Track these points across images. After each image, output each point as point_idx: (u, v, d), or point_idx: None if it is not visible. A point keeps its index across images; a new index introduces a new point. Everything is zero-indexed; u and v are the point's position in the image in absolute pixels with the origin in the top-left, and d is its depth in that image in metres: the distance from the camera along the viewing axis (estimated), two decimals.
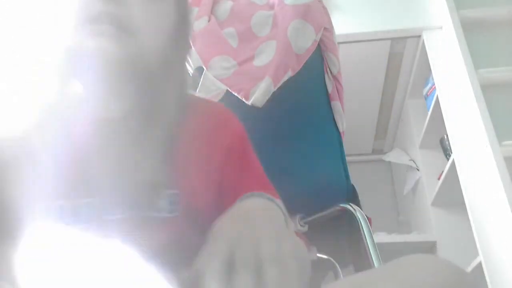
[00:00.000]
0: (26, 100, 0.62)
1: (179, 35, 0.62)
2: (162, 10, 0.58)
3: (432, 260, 0.45)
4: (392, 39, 1.98)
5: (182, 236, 0.56)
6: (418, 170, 2.20)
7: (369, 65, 2.14)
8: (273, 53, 0.99)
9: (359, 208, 0.85)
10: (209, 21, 1.06)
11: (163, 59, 0.59)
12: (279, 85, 0.95)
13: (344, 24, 1.72)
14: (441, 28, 1.87)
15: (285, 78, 0.98)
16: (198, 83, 1.04)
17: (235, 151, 0.64)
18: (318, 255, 0.92)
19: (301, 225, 0.92)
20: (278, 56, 0.98)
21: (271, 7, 1.09)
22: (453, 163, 1.66)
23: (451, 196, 1.83)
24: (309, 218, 0.93)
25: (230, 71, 1.00)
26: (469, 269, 1.56)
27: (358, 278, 0.50)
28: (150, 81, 0.58)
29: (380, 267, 0.44)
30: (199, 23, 1.03)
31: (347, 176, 0.99)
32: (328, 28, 1.08)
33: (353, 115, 1.52)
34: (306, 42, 1.03)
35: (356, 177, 1.05)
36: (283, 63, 0.98)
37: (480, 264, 1.44)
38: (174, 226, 0.55)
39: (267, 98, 0.94)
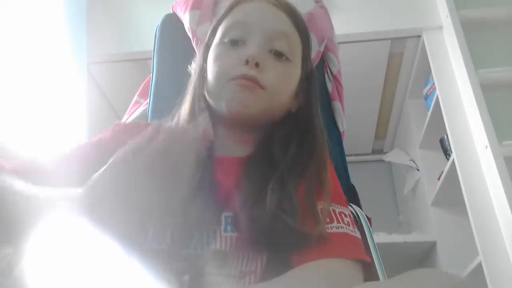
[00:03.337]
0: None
1: (304, 89, 0.75)
2: (288, 71, 0.71)
3: (435, 273, 0.46)
4: (392, 39, 1.98)
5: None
6: (418, 170, 2.20)
7: (369, 65, 2.14)
8: None
9: (359, 208, 0.85)
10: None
11: (286, 111, 0.72)
12: None
13: (344, 24, 1.72)
14: (441, 28, 1.87)
15: None
16: None
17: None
18: None
19: None
20: None
21: None
22: (453, 163, 1.66)
23: (451, 196, 1.83)
24: None
25: None
26: (469, 269, 1.56)
27: None
28: (274, 130, 0.70)
29: (382, 282, 0.46)
30: (201, 29, 1.02)
31: (347, 176, 0.99)
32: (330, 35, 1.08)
33: (353, 115, 1.52)
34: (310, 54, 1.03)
35: (356, 177, 1.05)
36: None
37: (480, 264, 1.44)
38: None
39: None
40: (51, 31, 1.51)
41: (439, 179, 1.90)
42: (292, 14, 0.74)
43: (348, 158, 1.03)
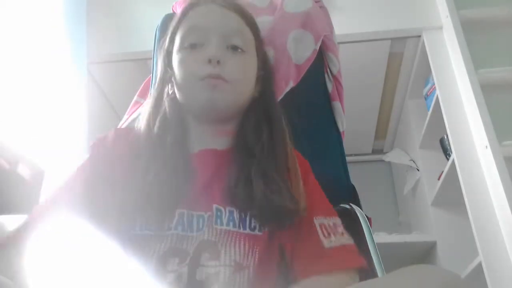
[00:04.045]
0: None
1: (263, 78, 0.83)
2: (245, 61, 0.78)
3: (429, 269, 0.47)
4: (392, 39, 1.98)
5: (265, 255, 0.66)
6: (418, 170, 2.20)
7: (369, 65, 2.14)
8: (270, 62, 0.98)
9: (359, 208, 0.85)
10: None
11: (251, 97, 0.80)
12: (281, 97, 0.96)
13: (344, 24, 1.72)
14: (441, 28, 1.87)
15: (287, 89, 0.98)
16: None
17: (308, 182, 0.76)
18: None
19: None
20: (277, 68, 0.98)
21: (273, 10, 1.09)
22: (453, 163, 1.66)
23: (451, 196, 1.83)
24: None
25: None
26: (469, 269, 1.56)
27: None
28: (243, 119, 0.79)
29: (377, 279, 0.51)
30: None
31: (347, 176, 0.99)
32: (328, 32, 1.08)
33: (353, 115, 1.52)
34: (306, 52, 1.03)
35: (356, 177, 1.05)
36: (284, 75, 0.99)
37: (480, 264, 1.44)
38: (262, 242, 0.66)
39: None
40: (51, 31, 1.51)
41: (439, 179, 1.90)
42: (241, 12, 0.82)
43: (348, 158, 1.03)
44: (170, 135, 0.74)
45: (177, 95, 0.79)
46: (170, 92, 0.80)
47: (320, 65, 1.06)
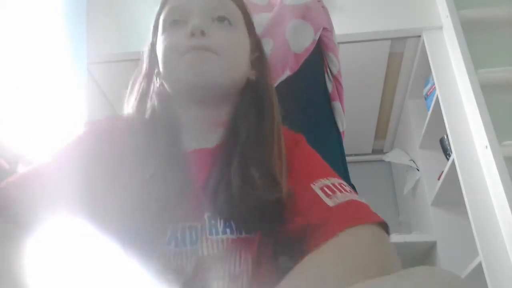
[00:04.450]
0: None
1: (258, 60, 0.76)
2: (235, 34, 0.71)
3: (432, 271, 0.46)
4: (392, 39, 1.98)
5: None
6: (418, 170, 2.20)
7: (369, 65, 2.14)
8: (269, 53, 0.98)
9: None
10: None
11: (245, 79, 0.72)
12: (276, 84, 0.95)
13: (344, 24, 1.72)
14: (441, 28, 1.87)
15: (283, 77, 0.97)
16: None
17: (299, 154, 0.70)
18: None
19: None
20: (274, 55, 0.98)
21: (272, 8, 1.09)
22: (453, 163, 1.66)
23: (451, 196, 1.83)
24: None
25: None
26: (469, 269, 1.56)
27: None
28: (238, 105, 0.70)
29: (377, 281, 0.46)
30: None
31: (347, 176, 0.99)
32: (328, 28, 1.08)
33: (353, 115, 1.52)
34: (305, 42, 1.02)
35: (356, 177, 1.05)
36: (280, 62, 0.98)
37: (480, 264, 1.44)
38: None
39: None
40: (51, 31, 1.51)
41: (439, 179, 1.90)
42: None
43: (348, 158, 1.03)
44: (160, 134, 0.66)
45: (164, 83, 0.71)
46: (158, 85, 0.72)
47: (320, 65, 1.06)
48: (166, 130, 0.67)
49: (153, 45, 0.75)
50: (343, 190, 0.59)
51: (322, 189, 0.59)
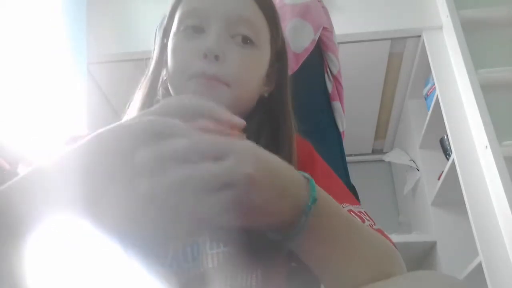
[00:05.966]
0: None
1: (276, 70, 0.69)
2: (255, 58, 0.64)
3: (433, 275, 0.46)
4: (392, 39, 1.98)
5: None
6: (418, 170, 2.20)
7: (369, 65, 2.14)
8: None
9: None
10: None
11: (257, 97, 0.66)
12: None
13: (344, 24, 1.72)
14: (441, 28, 1.87)
15: None
16: None
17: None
18: None
19: None
20: None
21: None
22: (453, 163, 1.66)
23: (451, 196, 1.83)
24: None
25: None
26: (469, 269, 1.56)
27: None
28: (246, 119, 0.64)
29: (377, 284, 0.45)
30: None
31: (347, 176, 0.99)
32: (327, 28, 1.08)
33: (353, 115, 1.52)
34: (304, 41, 1.02)
35: (356, 177, 1.05)
36: None
37: (480, 264, 1.44)
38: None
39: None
40: (51, 31, 1.51)
41: (439, 179, 1.90)
42: None
43: (348, 158, 1.03)
44: None
45: (169, 87, 0.67)
46: (165, 78, 0.68)
47: (320, 65, 1.06)
48: None
49: (166, 32, 0.68)
50: (365, 220, 0.59)
51: (349, 211, 0.57)
